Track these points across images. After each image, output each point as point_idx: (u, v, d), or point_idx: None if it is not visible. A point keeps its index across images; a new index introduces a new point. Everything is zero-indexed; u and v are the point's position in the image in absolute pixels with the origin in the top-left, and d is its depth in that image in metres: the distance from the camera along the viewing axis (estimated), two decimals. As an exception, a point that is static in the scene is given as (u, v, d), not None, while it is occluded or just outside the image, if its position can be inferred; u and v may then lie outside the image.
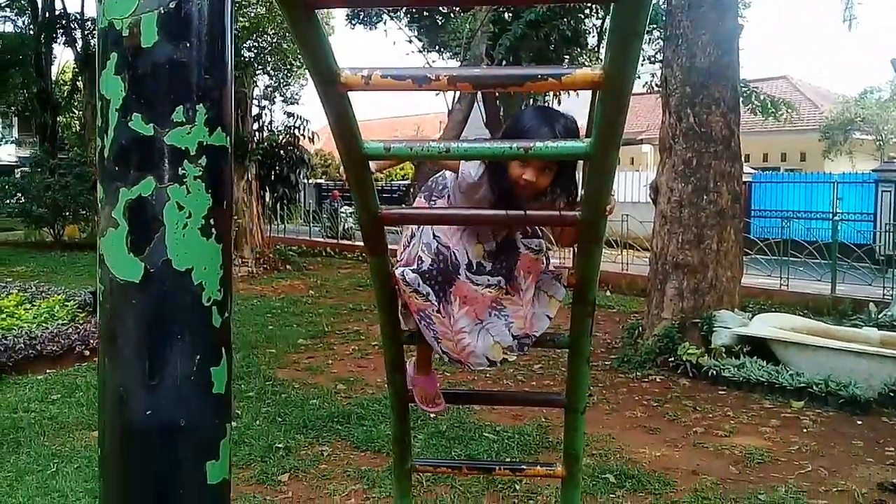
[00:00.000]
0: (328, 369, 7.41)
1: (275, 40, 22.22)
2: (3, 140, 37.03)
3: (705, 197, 7.62)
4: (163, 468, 0.71)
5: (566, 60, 17.75)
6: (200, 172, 0.70)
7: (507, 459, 4.89)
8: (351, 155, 1.52)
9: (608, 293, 12.36)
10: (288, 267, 15.57)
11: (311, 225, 21.20)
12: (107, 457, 0.73)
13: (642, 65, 18.23)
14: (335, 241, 19.44)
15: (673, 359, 7.31)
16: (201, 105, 0.71)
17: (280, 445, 5.16)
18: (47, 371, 6.98)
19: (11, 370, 6.87)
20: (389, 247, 1.94)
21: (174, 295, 0.69)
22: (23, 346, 7.11)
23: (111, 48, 0.69)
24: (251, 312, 10.57)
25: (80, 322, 8.14)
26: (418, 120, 28.45)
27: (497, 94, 19.36)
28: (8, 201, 20.52)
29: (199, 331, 0.70)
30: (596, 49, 19.93)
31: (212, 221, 0.71)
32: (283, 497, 4.39)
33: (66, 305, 8.76)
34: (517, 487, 4.50)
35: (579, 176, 2.21)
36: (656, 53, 16.99)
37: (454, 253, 2.19)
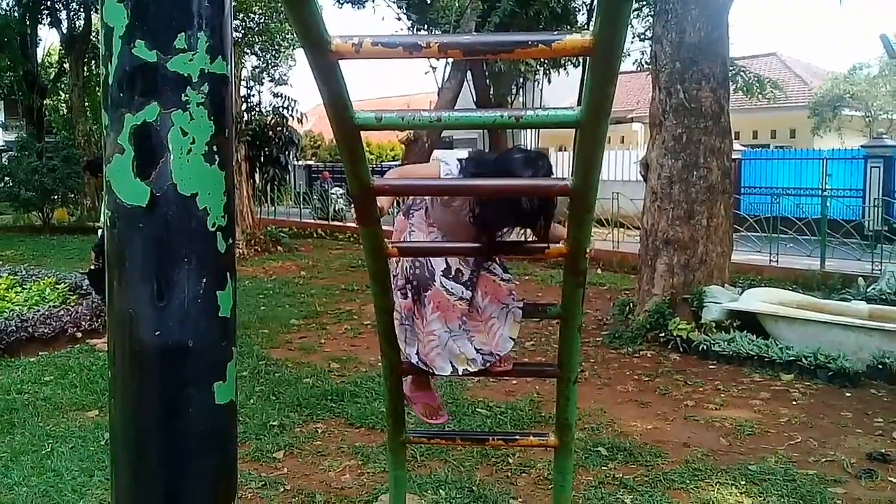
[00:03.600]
0: (321, 348, 7.43)
1: (262, 20, 22.04)
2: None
3: (695, 173, 7.64)
4: (171, 388, 0.74)
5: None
6: (203, 99, 0.72)
7: (501, 434, 4.93)
8: (342, 125, 1.52)
9: (599, 271, 12.41)
10: (279, 248, 15.53)
11: (302, 206, 21.15)
12: (117, 376, 0.76)
13: (631, 42, 18.19)
14: (326, 222, 19.40)
15: (664, 334, 7.36)
16: (202, 33, 0.73)
17: (274, 423, 5.19)
18: (39, 353, 6.97)
19: (3, 353, 6.86)
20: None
21: (180, 219, 0.71)
22: (14, 328, 7.10)
23: (114, -25, 0.70)
24: (243, 293, 10.57)
25: (72, 304, 8.12)
26: (408, 100, 28.31)
27: (487, 72, 19.29)
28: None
29: (205, 255, 0.72)
30: (585, 27, 19.87)
31: (215, 148, 0.73)
32: (279, 473, 4.42)
33: (57, 288, 8.74)
34: (510, 461, 4.55)
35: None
36: (646, 31, 16.96)
37: (430, 261, 2.35)
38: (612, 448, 4.73)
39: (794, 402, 5.71)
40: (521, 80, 21.45)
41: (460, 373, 2.36)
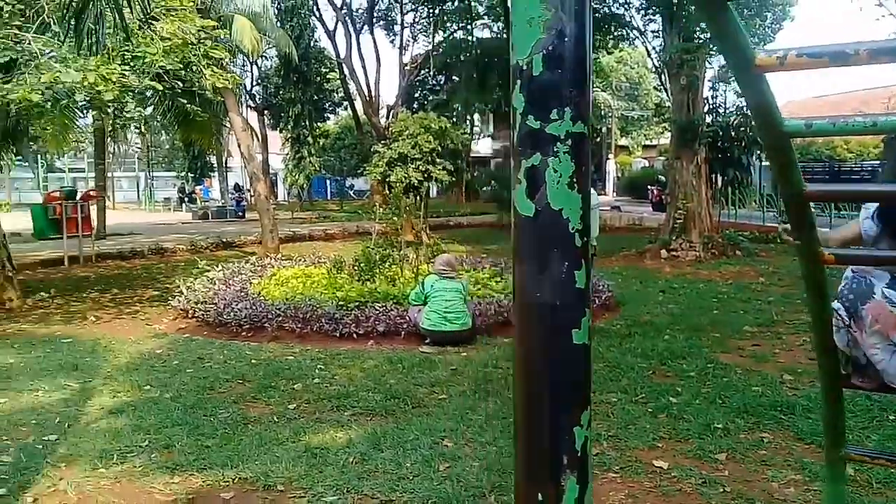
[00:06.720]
0: (774, 358, 7.13)
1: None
2: (481, 135, 42.21)
3: None
4: (546, 333, 1.14)
5: None
6: (567, 149, 1.09)
7: None
8: (770, 133, 1.59)
9: None
10: (737, 253, 15.09)
11: (765, 210, 20.16)
12: (517, 326, 1.17)
13: None
14: (791, 226, 18.21)
15: None
16: (567, 108, 1.10)
17: (718, 426, 5.20)
18: (512, 336, 7.97)
19: (484, 332, 8.02)
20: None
21: (552, 226, 1.10)
22: (493, 312, 8.24)
23: (517, 77, 1.14)
24: (696, 296, 10.60)
25: (540, 295, 9.06)
26: (890, 92, 24.88)
27: None
28: (484, 188, 23.56)
29: (567, 248, 1.11)
30: None
31: (574, 180, 1.09)
32: (719, 474, 4.45)
33: (530, 280, 9.83)
34: None
35: None
36: None
37: (868, 276, 2.26)
38: None
39: None
40: None
41: None
